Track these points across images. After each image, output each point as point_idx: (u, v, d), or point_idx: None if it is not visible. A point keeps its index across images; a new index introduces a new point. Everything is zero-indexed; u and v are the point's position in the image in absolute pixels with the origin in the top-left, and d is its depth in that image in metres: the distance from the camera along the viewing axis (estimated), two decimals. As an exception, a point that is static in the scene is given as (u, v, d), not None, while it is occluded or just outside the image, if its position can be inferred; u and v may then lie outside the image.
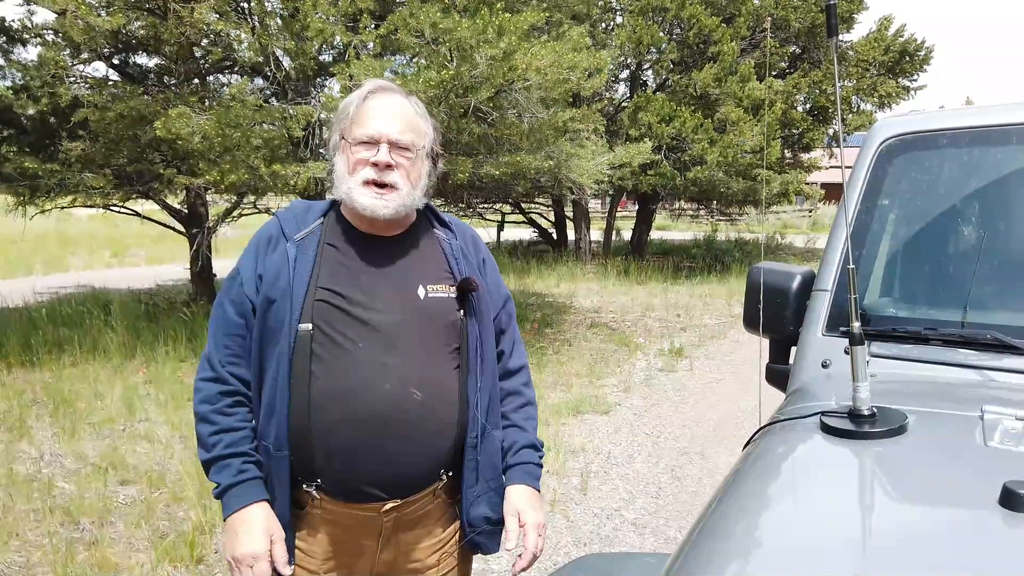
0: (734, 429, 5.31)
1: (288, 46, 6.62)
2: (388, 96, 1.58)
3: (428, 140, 1.61)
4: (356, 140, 1.54)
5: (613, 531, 3.75)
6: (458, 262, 1.64)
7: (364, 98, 1.57)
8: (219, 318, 1.58)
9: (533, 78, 6.62)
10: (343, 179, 1.55)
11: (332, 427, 1.49)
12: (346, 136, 1.56)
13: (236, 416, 1.53)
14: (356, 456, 1.50)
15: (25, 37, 7.99)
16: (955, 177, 1.89)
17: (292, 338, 1.49)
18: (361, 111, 1.55)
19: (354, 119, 1.55)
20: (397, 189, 1.53)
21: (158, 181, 8.12)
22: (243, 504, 1.49)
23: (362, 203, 1.52)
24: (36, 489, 3.98)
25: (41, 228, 16.95)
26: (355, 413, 1.48)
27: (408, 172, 1.55)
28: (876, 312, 1.85)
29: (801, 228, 27.18)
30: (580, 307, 10.56)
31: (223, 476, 1.51)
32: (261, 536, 1.48)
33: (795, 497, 1.22)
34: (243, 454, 1.52)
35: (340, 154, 1.58)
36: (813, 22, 14.45)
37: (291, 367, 1.49)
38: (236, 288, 1.57)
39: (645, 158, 11.11)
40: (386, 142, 1.53)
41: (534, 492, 1.67)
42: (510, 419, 1.71)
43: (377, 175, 1.52)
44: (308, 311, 1.50)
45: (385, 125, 1.53)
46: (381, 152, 1.52)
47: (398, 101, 1.58)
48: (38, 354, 6.59)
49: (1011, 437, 1.23)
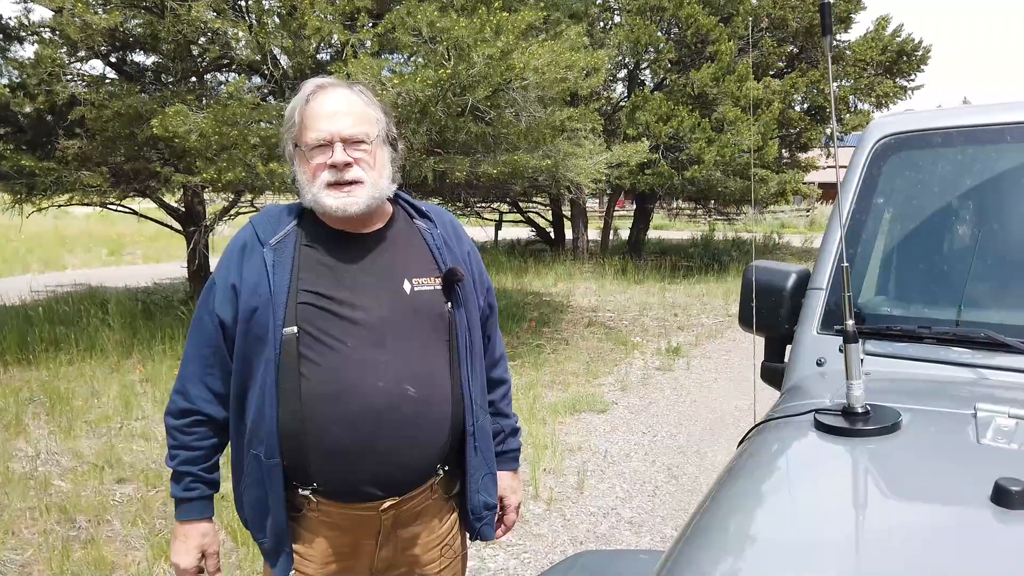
0: (730, 428, 5.32)
1: (285, 44, 6.61)
2: (330, 92, 1.54)
3: (381, 127, 1.56)
4: (309, 146, 1.50)
5: (609, 529, 3.75)
6: (441, 252, 1.62)
7: (306, 101, 1.53)
8: (195, 331, 1.58)
9: (531, 77, 6.62)
10: (306, 187, 1.52)
11: (326, 428, 1.47)
12: (298, 143, 1.53)
13: (194, 436, 1.58)
14: (352, 456, 1.48)
15: (22, 35, 7.97)
16: (950, 176, 1.90)
17: (277, 343, 1.47)
18: (307, 114, 1.51)
19: (302, 124, 1.52)
20: (362, 183, 1.51)
21: (155, 179, 8.10)
22: (184, 519, 1.60)
23: (331, 205, 1.49)
24: (32, 487, 3.97)
25: (38, 226, 16.93)
26: (349, 413, 1.47)
27: (369, 164, 1.53)
28: (871, 310, 1.85)
29: (799, 228, 27.21)
30: (577, 306, 10.57)
31: (175, 489, 1.60)
32: (193, 550, 1.59)
33: (789, 494, 1.22)
34: (194, 474, 1.59)
35: (298, 163, 1.55)
36: (811, 22, 14.47)
37: (278, 372, 1.47)
38: (212, 299, 1.56)
39: (643, 157, 11.11)
40: (339, 140, 1.49)
41: (516, 474, 1.86)
42: (497, 407, 1.79)
43: (337, 176, 1.49)
44: (292, 315, 1.48)
45: (334, 124, 1.49)
46: (336, 152, 1.49)
47: (341, 95, 1.54)
48: (35, 352, 6.59)
49: (1004, 435, 1.23)
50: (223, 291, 1.54)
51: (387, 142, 1.59)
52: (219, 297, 1.54)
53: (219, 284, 1.55)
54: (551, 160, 7.70)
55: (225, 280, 1.54)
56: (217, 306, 1.54)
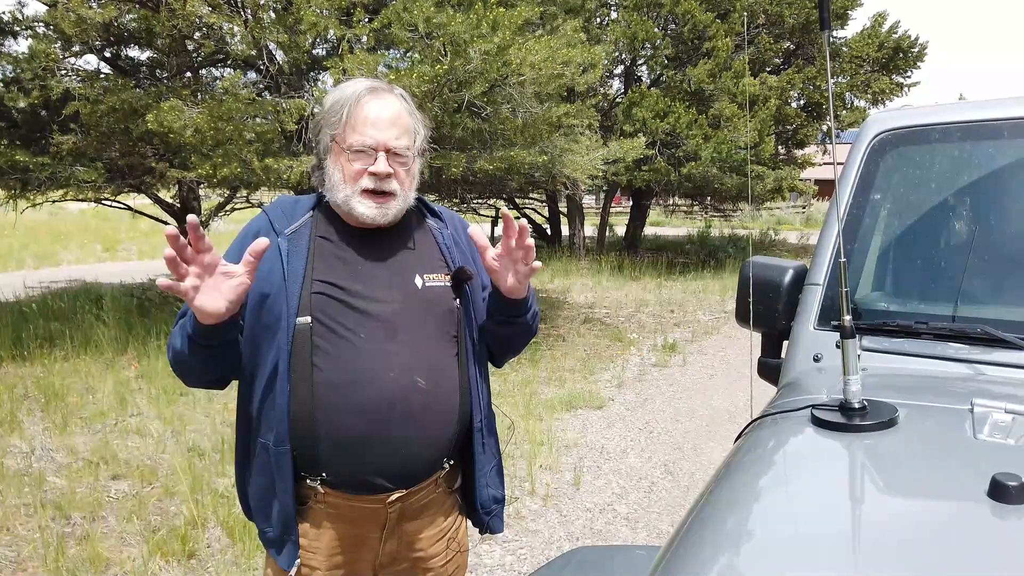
0: (726, 424, 5.33)
1: (281, 39, 6.59)
2: (382, 99, 1.55)
3: (420, 139, 1.60)
4: (352, 148, 1.51)
5: (606, 525, 3.75)
6: (451, 251, 1.65)
7: (358, 101, 1.53)
8: None
9: (527, 73, 6.62)
10: (339, 187, 1.53)
11: (337, 418, 1.48)
12: (339, 141, 1.53)
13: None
14: (362, 447, 1.49)
15: (16, 29, 7.94)
16: (947, 172, 1.90)
17: (290, 332, 1.47)
18: (356, 116, 1.52)
19: (348, 124, 1.52)
20: (395, 195, 1.53)
21: (150, 175, 8.07)
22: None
23: (364, 212, 1.52)
24: (27, 483, 3.96)
25: (32, 222, 16.88)
26: (361, 403, 1.48)
27: (404, 177, 1.55)
28: (868, 306, 1.85)
29: (795, 224, 27.23)
30: (574, 302, 10.57)
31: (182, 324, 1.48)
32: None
33: (785, 489, 1.22)
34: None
35: (333, 158, 1.55)
36: (807, 18, 14.45)
37: (290, 361, 1.48)
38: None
39: (639, 154, 11.09)
40: (384, 150, 1.51)
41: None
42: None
43: (376, 184, 1.51)
44: (306, 304, 1.49)
45: (382, 133, 1.51)
46: (380, 162, 1.50)
47: (392, 104, 1.55)
48: (29, 348, 6.56)
49: (1000, 430, 1.23)
50: None
51: (420, 154, 1.62)
52: None
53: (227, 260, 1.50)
54: (547, 156, 7.69)
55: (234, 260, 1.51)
56: None
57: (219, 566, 3.23)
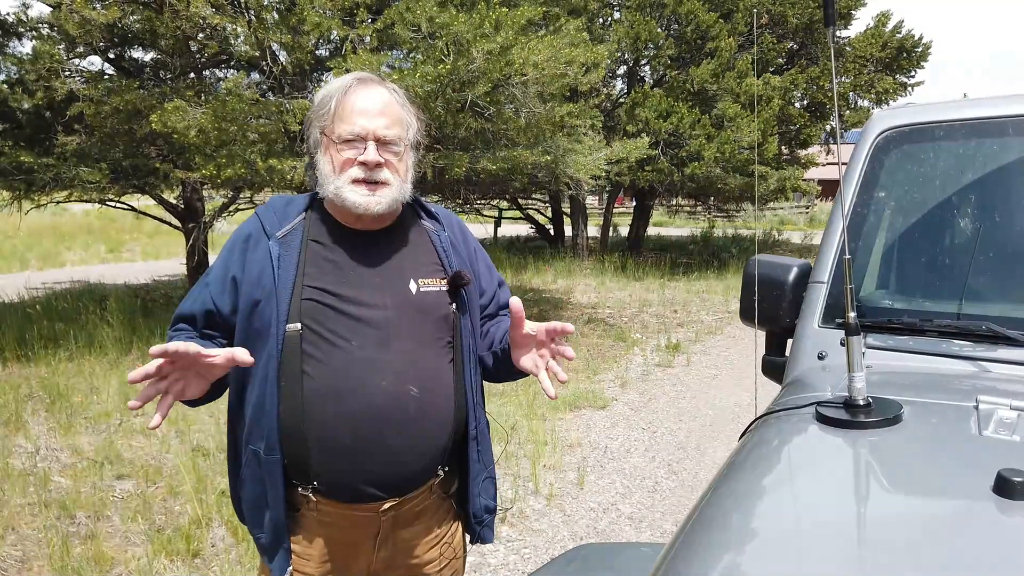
0: (730, 424, 5.32)
1: (285, 40, 6.60)
2: (370, 89, 1.52)
3: (413, 131, 1.56)
4: (341, 138, 1.48)
5: (609, 525, 3.75)
6: (448, 255, 1.61)
7: (345, 92, 1.50)
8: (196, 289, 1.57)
9: (530, 73, 6.62)
10: (329, 178, 1.50)
11: (328, 427, 1.46)
12: (328, 133, 1.50)
13: (182, 332, 1.53)
14: (354, 455, 1.47)
15: (20, 30, 7.96)
16: (951, 169, 1.90)
17: (280, 339, 1.45)
18: (344, 106, 1.49)
19: (336, 115, 1.49)
20: (388, 185, 1.49)
21: (154, 176, 8.09)
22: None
23: (354, 201, 1.47)
24: (32, 483, 3.97)
25: (36, 223, 16.92)
26: (352, 411, 1.45)
27: (397, 167, 1.51)
28: (872, 303, 1.85)
29: (798, 224, 27.19)
30: (577, 303, 10.56)
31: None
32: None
33: (790, 487, 1.22)
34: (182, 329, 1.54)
35: (323, 152, 1.52)
36: (811, 18, 14.44)
37: (280, 368, 1.46)
38: (202, 288, 1.55)
39: (642, 154, 11.08)
40: (373, 139, 1.47)
41: None
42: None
43: (366, 174, 1.47)
44: (296, 311, 1.46)
45: (371, 121, 1.47)
46: (369, 151, 1.47)
47: (381, 94, 1.52)
48: (33, 349, 6.58)
49: (1005, 427, 1.23)
50: (220, 282, 1.52)
51: (414, 147, 1.58)
52: (215, 289, 1.53)
53: (214, 272, 1.54)
54: (550, 156, 7.69)
55: (225, 271, 1.53)
56: (215, 296, 1.52)
57: (223, 565, 3.23)
